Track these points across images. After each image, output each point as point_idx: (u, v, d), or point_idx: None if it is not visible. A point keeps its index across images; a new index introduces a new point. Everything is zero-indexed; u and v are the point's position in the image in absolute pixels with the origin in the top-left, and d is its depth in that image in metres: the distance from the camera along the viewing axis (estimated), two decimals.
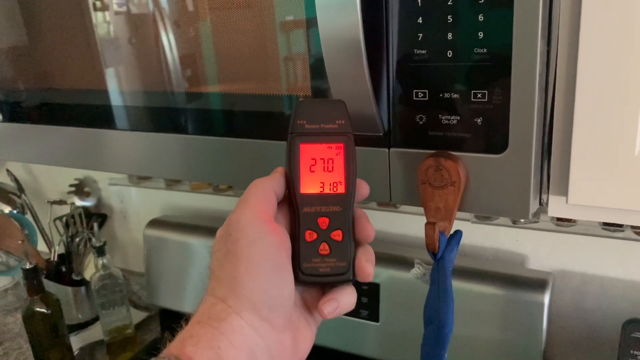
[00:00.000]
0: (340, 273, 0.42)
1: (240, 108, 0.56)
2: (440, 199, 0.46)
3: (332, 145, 0.42)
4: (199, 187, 1.13)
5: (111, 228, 1.34)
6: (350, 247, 0.42)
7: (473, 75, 0.43)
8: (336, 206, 0.42)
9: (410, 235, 0.98)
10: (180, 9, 0.54)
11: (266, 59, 0.51)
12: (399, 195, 0.50)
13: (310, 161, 0.42)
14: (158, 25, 0.56)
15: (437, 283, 0.45)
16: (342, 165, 0.42)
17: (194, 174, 0.61)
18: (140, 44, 0.59)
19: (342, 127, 0.42)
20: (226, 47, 0.53)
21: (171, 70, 0.58)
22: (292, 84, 0.51)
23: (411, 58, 0.45)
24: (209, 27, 0.53)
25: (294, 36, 0.50)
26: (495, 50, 0.42)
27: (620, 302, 0.85)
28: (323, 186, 0.42)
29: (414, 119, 0.47)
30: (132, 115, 0.64)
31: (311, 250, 0.41)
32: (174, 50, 0.57)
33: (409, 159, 0.48)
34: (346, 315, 0.93)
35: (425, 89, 0.45)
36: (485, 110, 0.44)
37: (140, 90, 0.61)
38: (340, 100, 0.43)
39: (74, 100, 0.68)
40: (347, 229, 0.42)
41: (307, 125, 0.42)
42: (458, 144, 0.46)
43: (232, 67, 0.53)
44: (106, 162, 0.68)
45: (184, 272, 1.12)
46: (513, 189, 0.45)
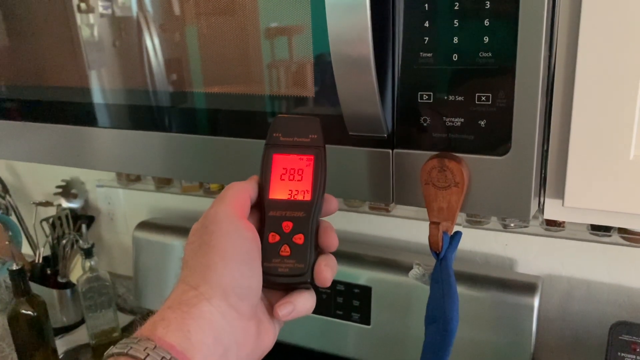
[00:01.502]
0: (298, 274, 0.43)
1: (224, 107, 0.56)
2: (444, 199, 0.47)
3: (303, 156, 0.45)
4: (189, 189, 1.13)
5: (98, 230, 1.32)
6: (311, 251, 0.44)
7: (478, 79, 0.44)
8: (301, 212, 0.44)
9: (401, 239, 0.99)
10: (166, 12, 0.55)
11: (250, 64, 0.53)
12: (401, 196, 0.51)
13: (281, 170, 0.45)
14: (143, 27, 0.57)
15: (441, 282, 0.46)
16: (311, 175, 0.45)
17: (177, 171, 0.62)
18: (124, 46, 0.59)
19: (314, 141, 0.45)
20: (211, 51, 0.54)
21: (155, 71, 0.58)
22: (276, 89, 0.53)
23: (417, 61, 0.46)
24: (194, 32, 0.54)
25: (277, 42, 0.51)
26: (500, 54, 0.43)
27: (607, 306, 0.87)
28: (291, 193, 0.45)
29: (419, 121, 0.48)
30: (116, 113, 0.64)
31: (273, 251, 0.43)
32: (158, 52, 0.57)
33: (412, 160, 0.49)
34: (338, 318, 0.93)
35: (430, 91, 0.46)
36: (489, 112, 0.45)
37: (125, 89, 0.62)
38: (315, 117, 0.46)
39: (58, 98, 0.67)
40: (309, 234, 0.44)
41: (281, 138, 0.45)
42: (461, 145, 0.47)
43: (217, 70, 0.55)
44: (91, 160, 0.68)
45: (172, 274, 1.11)
46: (515, 191, 0.46)
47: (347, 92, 0.47)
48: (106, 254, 1.34)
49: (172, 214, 1.21)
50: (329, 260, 0.45)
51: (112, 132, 0.65)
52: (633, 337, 0.72)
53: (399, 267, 0.90)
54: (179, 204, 1.19)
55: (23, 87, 0.70)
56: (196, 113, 0.59)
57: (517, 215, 0.47)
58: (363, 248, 0.95)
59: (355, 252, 0.93)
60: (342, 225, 1.02)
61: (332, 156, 0.52)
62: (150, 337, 0.37)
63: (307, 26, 0.50)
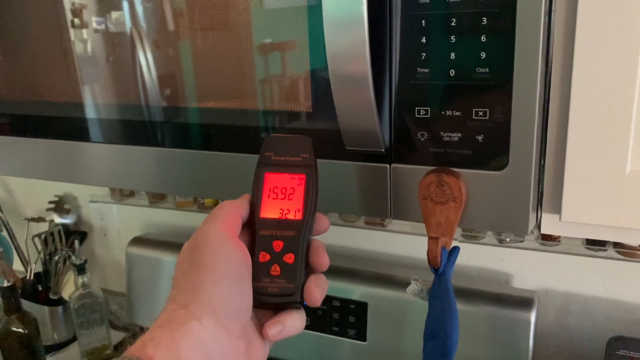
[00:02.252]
0: (287, 294, 0.43)
1: (217, 122, 0.56)
2: (442, 214, 0.47)
3: (294, 176, 0.45)
4: (183, 205, 1.12)
5: (90, 246, 1.31)
6: (301, 271, 0.44)
7: (474, 94, 0.45)
8: (291, 231, 0.44)
9: (397, 254, 0.99)
10: (160, 28, 0.55)
11: (244, 79, 0.53)
12: (398, 211, 0.51)
13: (272, 189, 0.45)
14: (137, 43, 0.57)
15: (440, 297, 0.46)
16: (302, 194, 0.45)
17: (170, 186, 0.62)
18: (118, 61, 0.59)
19: (305, 160, 0.45)
20: (205, 66, 0.54)
21: (149, 86, 0.58)
22: (269, 104, 0.53)
23: (414, 76, 0.46)
24: (188, 47, 0.54)
25: (271, 58, 0.52)
26: (496, 69, 0.43)
27: (603, 321, 0.86)
28: (282, 212, 0.45)
29: (416, 136, 0.48)
30: (109, 128, 0.63)
31: (263, 271, 0.43)
32: (152, 67, 0.58)
33: (410, 175, 0.49)
34: (333, 335, 0.92)
35: (427, 106, 0.47)
36: (486, 127, 0.45)
37: (118, 104, 0.61)
38: (306, 137, 0.46)
39: (51, 113, 0.67)
40: (300, 254, 0.44)
41: (273, 157, 0.46)
42: (459, 160, 0.47)
43: (211, 85, 0.55)
44: (83, 175, 0.68)
45: (166, 291, 1.10)
46: (513, 205, 0.46)
47: (345, 108, 0.47)
48: (99, 270, 1.33)
49: (165, 230, 1.20)
50: (319, 280, 0.45)
51: (105, 147, 0.64)
52: (630, 352, 0.72)
53: (395, 282, 0.89)
54: (173, 220, 1.19)
55: (15, 102, 0.70)
56: (189, 128, 0.59)
57: (515, 230, 0.47)
58: (359, 263, 0.95)
59: (351, 268, 0.93)
60: (338, 240, 1.01)
61: (329, 171, 0.52)
62: (140, 356, 0.37)
63: (301, 42, 0.50)
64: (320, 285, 0.44)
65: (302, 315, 0.45)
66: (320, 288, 0.44)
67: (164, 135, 0.60)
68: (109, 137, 0.64)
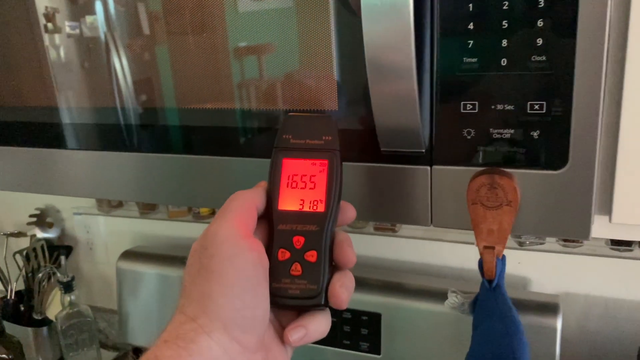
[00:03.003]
0: (309, 297, 0.39)
1: (199, 124, 0.52)
2: (494, 221, 0.42)
3: (316, 161, 0.40)
4: (177, 215, 1.06)
5: (75, 261, 1.24)
6: (325, 271, 0.39)
7: (530, 85, 0.40)
8: (313, 225, 0.39)
9: (408, 261, 0.94)
10: (135, 32, 0.52)
11: (220, 83, 0.49)
12: (439, 217, 0.46)
13: (292, 177, 0.40)
14: (112, 47, 0.54)
15: (499, 315, 0.41)
16: (325, 183, 0.40)
17: (154, 194, 0.57)
18: (93, 66, 0.56)
19: (328, 143, 0.40)
20: (182, 71, 0.51)
21: (125, 91, 0.55)
22: (246, 109, 0.49)
23: (460, 67, 0.41)
24: (165, 51, 0.51)
25: (247, 61, 0.48)
26: (555, 57, 0.39)
27: (626, 324, 0.83)
28: (302, 203, 0.40)
29: (461, 134, 0.43)
30: (86, 134, 0.59)
31: (282, 270, 0.39)
32: (127, 72, 0.54)
33: (454, 178, 0.44)
34: (345, 349, 0.87)
35: (474, 100, 0.42)
36: (542, 122, 0.40)
37: (95, 109, 0.57)
38: (329, 116, 0.41)
39: (26, 118, 0.62)
40: (323, 251, 0.39)
41: (292, 140, 0.41)
42: (511, 159, 0.42)
43: (189, 89, 0.51)
44: (62, 185, 0.62)
45: (161, 307, 1.03)
46: (572, 208, 0.41)
47: (383, 103, 0.42)
48: (85, 286, 1.25)
49: (158, 242, 1.14)
50: (345, 279, 0.40)
51: (82, 155, 0.59)
52: None
53: (410, 291, 0.85)
54: (166, 231, 1.12)
55: None
56: (169, 131, 0.54)
57: (576, 234, 0.42)
58: (369, 271, 0.90)
59: (362, 276, 0.88)
60: None
61: (360, 175, 0.47)
62: None
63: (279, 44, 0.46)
64: (347, 285, 0.40)
65: (327, 317, 0.40)
66: (347, 288, 0.40)
67: (143, 140, 0.56)
68: (86, 143, 0.59)
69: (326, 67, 0.46)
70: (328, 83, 0.46)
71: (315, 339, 0.40)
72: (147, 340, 1.06)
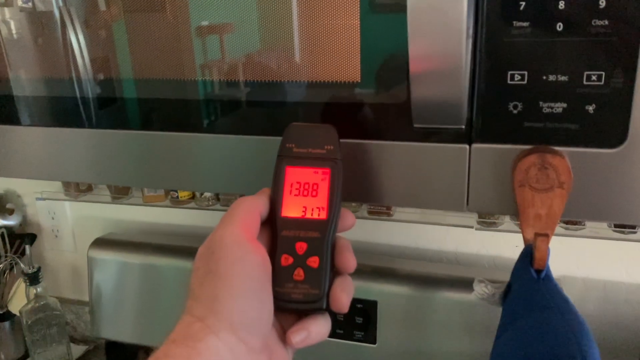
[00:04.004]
0: (312, 301, 0.40)
1: (157, 96, 0.49)
2: (543, 204, 0.38)
3: (318, 170, 0.42)
4: (152, 200, 0.98)
5: (39, 250, 1.15)
6: (326, 276, 0.41)
7: (588, 53, 0.36)
8: (316, 232, 0.41)
9: (402, 245, 0.90)
10: (92, 7, 0.49)
11: (182, 63, 0.47)
12: (478, 201, 0.41)
13: (295, 185, 0.42)
14: (67, 22, 0.49)
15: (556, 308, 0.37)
16: (327, 191, 0.41)
17: (114, 175, 0.53)
18: (48, 42, 0.51)
19: (330, 152, 0.42)
20: (141, 49, 0.48)
21: (81, 69, 0.50)
22: (210, 90, 0.47)
23: (508, 32, 0.37)
24: (123, 28, 0.48)
25: (209, 40, 0.46)
26: (620, 22, 0.35)
27: (624, 306, 0.82)
28: (305, 211, 0.42)
29: (507, 108, 0.38)
30: (39, 110, 0.54)
31: (285, 275, 0.41)
32: (83, 49, 0.50)
33: (496, 157, 0.40)
34: (338, 338, 0.83)
35: (524, 70, 0.37)
36: (600, 95, 0.36)
37: (49, 84, 0.52)
38: (330, 126, 0.42)
39: None
40: (325, 257, 0.41)
41: (295, 149, 0.42)
42: (562, 137, 0.38)
43: (148, 67, 0.48)
44: (17, 166, 0.56)
45: (136, 298, 0.97)
46: (628, 190, 0.38)
47: (423, 72, 0.37)
48: (50, 276, 1.16)
49: (133, 228, 1.06)
50: (345, 284, 0.42)
51: (39, 132, 0.54)
52: None
53: (406, 277, 0.81)
54: (141, 217, 1.05)
55: None
56: (130, 106, 0.50)
57: (631, 219, 0.38)
58: (363, 257, 0.85)
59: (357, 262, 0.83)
60: None
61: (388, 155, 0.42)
62: None
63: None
64: (347, 289, 0.41)
65: (327, 320, 0.42)
66: (347, 292, 0.41)
67: (102, 116, 0.51)
68: (41, 119, 0.53)
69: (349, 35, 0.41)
70: (350, 51, 0.41)
71: (316, 341, 0.41)
72: (121, 333, 0.99)
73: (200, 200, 0.94)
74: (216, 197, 0.94)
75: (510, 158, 0.39)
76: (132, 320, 0.98)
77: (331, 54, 0.42)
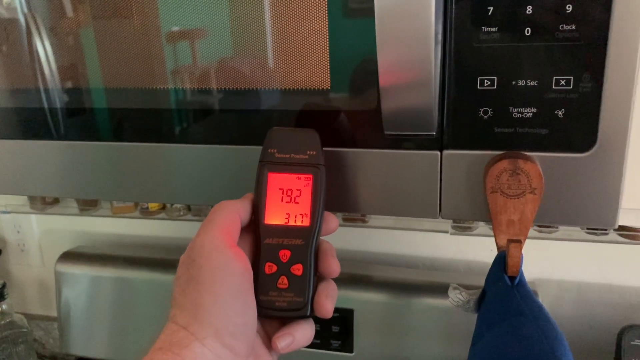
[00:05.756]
0: (296, 308, 0.41)
1: (127, 106, 0.47)
2: (515, 210, 0.37)
3: (301, 176, 0.41)
4: (122, 211, 0.96)
5: (4, 265, 1.11)
6: (310, 283, 0.41)
7: (557, 58, 0.36)
8: (299, 239, 0.41)
9: (378, 252, 0.90)
10: (59, 13, 0.47)
11: (153, 69, 0.46)
12: (450, 208, 0.41)
13: (277, 191, 0.41)
14: (32, 30, 0.48)
15: (530, 315, 0.37)
16: (310, 197, 0.41)
17: (81, 188, 0.51)
18: (13, 50, 0.49)
19: (313, 157, 0.41)
20: (110, 56, 0.47)
21: (49, 78, 0.49)
22: (180, 98, 0.46)
23: (477, 37, 0.37)
24: (92, 37, 0.47)
25: (180, 47, 0.45)
26: (587, 27, 0.35)
27: (598, 307, 0.83)
28: (288, 218, 0.41)
29: (477, 113, 0.38)
30: (3, 121, 0.51)
31: (270, 283, 0.41)
32: (51, 57, 0.48)
33: (468, 163, 0.39)
34: (314, 348, 0.82)
35: (493, 75, 0.37)
36: (569, 100, 0.36)
37: (14, 94, 0.50)
38: (312, 130, 0.41)
39: None
40: (309, 264, 0.41)
41: (277, 154, 0.41)
42: (532, 142, 0.38)
43: (117, 75, 0.47)
44: None
45: (107, 312, 0.94)
46: (599, 194, 0.38)
47: (393, 79, 0.36)
48: (17, 292, 1.12)
49: (102, 241, 1.03)
50: (329, 289, 0.42)
51: (2, 145, 0.52)
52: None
53: (384, 285, 0.80)
54: (110, 229, 1.02)
55: None
56: (99, 117, 0.48)
57: (601, 223, 0.38)
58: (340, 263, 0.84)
59: None
60: None
61: (359, 162, 0.42)
62: None
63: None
64: (331, 295, 0.41)
65: (311, 325, 0.42)
66: (331, 298, 0.41)
67: (70, 127, 0.49)
68: (5, 131, 0.51)
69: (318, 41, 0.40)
70: (320, 58, 0.40)
71: (301, 346, 0.41)
72: (91, 349, 0.96)
73: (171, 210, 0.92)
74: (187, 207, 0.92)
75: (481, 164, 0.39)
76: (103, 335, 0.95)
77: (301, 60, 0.41)
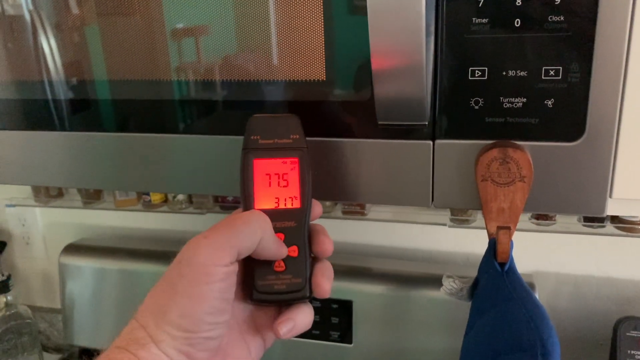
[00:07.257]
0: (296, 290, 0.41)
1: (132, 97, 0.48)
2: (505, 198, 0.38)
3: (286, 160, 0.42)
4: (124, 204, 0.97)
5: (10, 258, 1.12)
6: (307, 263, 0.41)
7: (546, 49, 0.36)
8: (291, 221, 0.41)
9: (378, 245, 0.90)
10: (64, 10, 0.48)
11: (157, 66, 0.46)
12: (443, 197, 0.42)
13: (264, 177, 0.41)
14: (38, 27, 0.49)
15: (518, 299, 0.37)
16: (297, 180, 0.41)
17: (86, 178, 0.52)
18: (19, 47, 0.50)
19: (296, 141, 0.42)
20: (115, 53, 0.47)
21: (54, 74, 0.50)
22: (185, 95, 0.46)
23: (468, 28, 0.37)
24: (96, 32, 0.47)
25: (184, 44, 0.46)
26: (575, 18, 0.35)
27: (595, 300, 0.83)
28: (278, 201, 0.41)
29: (468, 103, 0.39)
30: (9, 112, 0.52)
31: (266, 268, 0.41)
32: (56, 54, 0.49)
33: (459, 152, 0.40)
34: (314, 339, 0.83)
35: (484, 65, 0.38)
36: (558, 90, 0.37)
37: (20, 86, 0.51)
38: (294, 115, 0.42)
39: None
40: (303, 245, 0.41)
41: (261, 141, 0.42)
42: (522, 131, 0.38)
43: (122, 71, 0.48)
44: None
45: (109, 304, 0.95)
46: (587, 182, 0.38)
47: (385, 69, 0.37)
48: (22, 284, 1.14)
49: (105, 234, 1.05)
50: (325, 269, 0.42)
51: (8, 135, 0.53)
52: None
53: (382, 276, 0.81)
54: (113, 221, 1.03)
55: None
56: (104, 109, 0.49)
57: (590, 211, 0.39)
58: (338, 257, 0.85)
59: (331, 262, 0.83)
60: None
61: (353, 152, 0.42)
62: None
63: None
64: (327, 274, 0.41)
65: (310, 309, 0.42)
66: (328, 277, 0.41)
67: (75, 119, 0.50)
68: (11, 122, 0.52)
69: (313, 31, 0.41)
70: (314, 49, 0.41)
71: (302, 331, 0.41)
72: (95, 340, 0.97)
73: (173, 203, 0.93)
74: (189, 200, 0.93)
75: (473, 153, 0.40)
76: (106, 327, 0.96)
77: (297, 52, 0.42)
